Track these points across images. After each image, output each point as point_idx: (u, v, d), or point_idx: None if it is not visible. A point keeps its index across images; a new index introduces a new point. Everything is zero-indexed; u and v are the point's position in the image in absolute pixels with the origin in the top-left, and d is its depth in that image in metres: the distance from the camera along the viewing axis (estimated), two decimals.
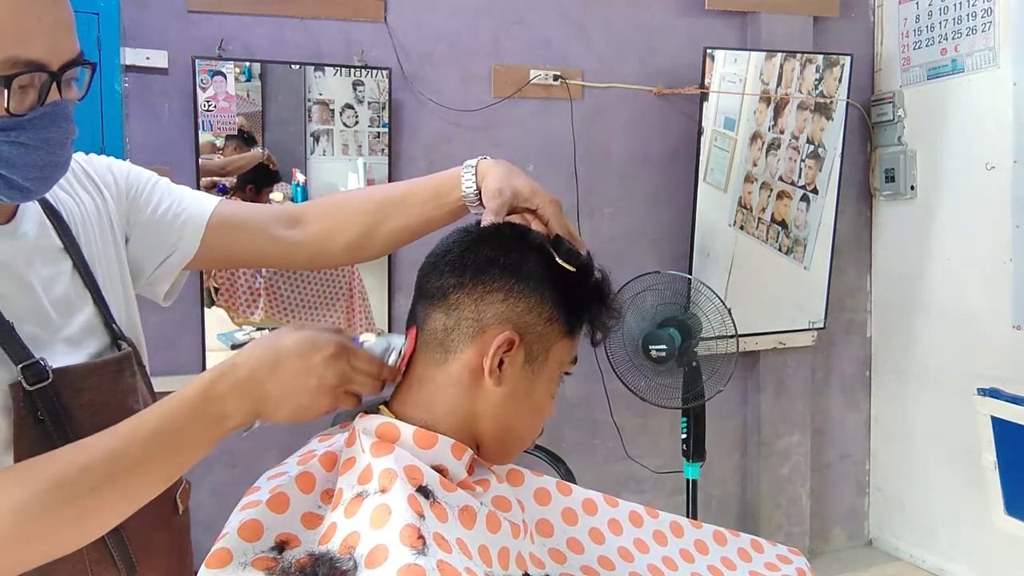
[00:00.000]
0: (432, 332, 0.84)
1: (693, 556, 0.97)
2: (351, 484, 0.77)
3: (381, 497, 0.73)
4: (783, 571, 1.00)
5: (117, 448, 0.74)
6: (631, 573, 0.90)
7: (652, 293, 2.43)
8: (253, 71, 2.34)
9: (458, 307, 0.82)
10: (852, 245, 3.14)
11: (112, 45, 2.04)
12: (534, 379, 0.85)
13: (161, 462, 0.76)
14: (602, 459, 2.82)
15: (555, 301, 0.85)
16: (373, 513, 0.72)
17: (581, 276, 0.88)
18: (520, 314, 0.82)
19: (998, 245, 2.61)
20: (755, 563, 1.00)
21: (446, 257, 0.85)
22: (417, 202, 1.05)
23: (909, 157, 2.97)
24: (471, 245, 0.85)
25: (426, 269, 0.87)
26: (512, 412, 0.84)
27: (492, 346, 0.81)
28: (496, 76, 2.64)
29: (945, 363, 2.87)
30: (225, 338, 2.41)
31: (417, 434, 0.80)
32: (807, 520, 3.09)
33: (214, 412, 0.77)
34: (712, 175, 2.76)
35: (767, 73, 2.76)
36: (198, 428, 0.77)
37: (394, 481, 0.74)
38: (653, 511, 1.01)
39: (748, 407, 3.04)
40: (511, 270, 0.83)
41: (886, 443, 3.18)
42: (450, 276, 0.83)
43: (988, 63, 2.67)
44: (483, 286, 0.82)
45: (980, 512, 2.64)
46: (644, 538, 0.96)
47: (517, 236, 0.88)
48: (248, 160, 2.33)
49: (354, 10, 2.47)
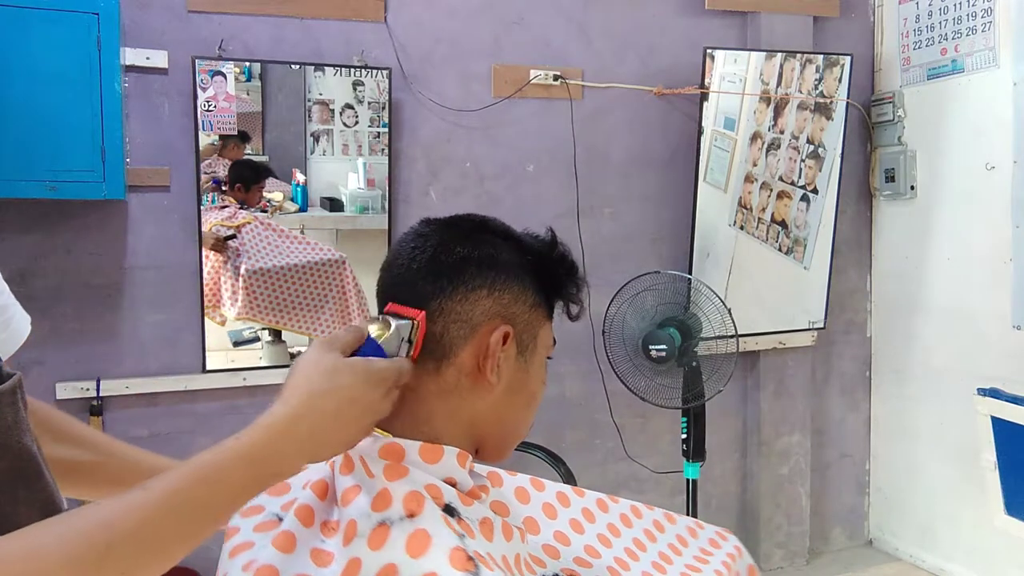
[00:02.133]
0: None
1: (645, 545, 0.97)
2: (365, 513, 0.71)
3: (412, 523, 0.69)
4: (718, 555, 1.00)
5: (147, 519, 0.61)
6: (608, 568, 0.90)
7: (652, 293, 2.43)
8: (253, 71, 2.34)
9: (443, 313, 0.78)
10: (852, 245, 3.14)
11: (112, 45, 2.04)
12: (527, 369, 0.83)
13: (193, 536, 0.65)
14: (602, 459, 2.82)
15: (534, 286, 0.82)
16: (409, 541, 0.68)
17: (551, 253, 0.85)
18: (506, 306, 0.80)
19: (998, 245, 2.61)
20: (691, 548, 1.00)
21: (413, 265, 0.80)
22: None
23: (909, 157, 2.97)
24: (438, 247, 0.80)
25: (390, 281, 0.82)
26: (510, 406, 0.83)
27: (490, 344, 0.78)
28: (496, 76, 2.64)
29: (945, 363, 2.87)
30: (234, 335, 2.43)
31: (423, 449, 0.76)
32: (807, 520, 3.09)
33: (268, 472, 0.69)
34: (712, 175, 2.76)
35: (767, 73, 2.76)
36: (246, 491, 0.68)
37: (422, 504, 0.70)
38: (604, 501, 1.01)
39: (748, 407, 3.05)
40: (488, 263, 0.80)
41: (886, 443, 3.18)
42: (425, 284, 0.78)
43: (988, 63, 2.67)
44: (464, 286, 0.78)
45: (980, 512, 2.64)
46: (604, 532, 0.96)
47: (478, 227, 0.84)
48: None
49: (354, 10, 2.47)
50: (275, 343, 2.49)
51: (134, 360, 2.32)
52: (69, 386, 2.23)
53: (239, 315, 2.39)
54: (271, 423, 0.70)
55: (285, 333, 2.49)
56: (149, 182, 2.28)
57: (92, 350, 2.27)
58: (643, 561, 0.94)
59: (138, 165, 2.27)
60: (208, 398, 2.36)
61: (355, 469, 0.76)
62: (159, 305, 2.34)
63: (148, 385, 2.30)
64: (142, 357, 2.32)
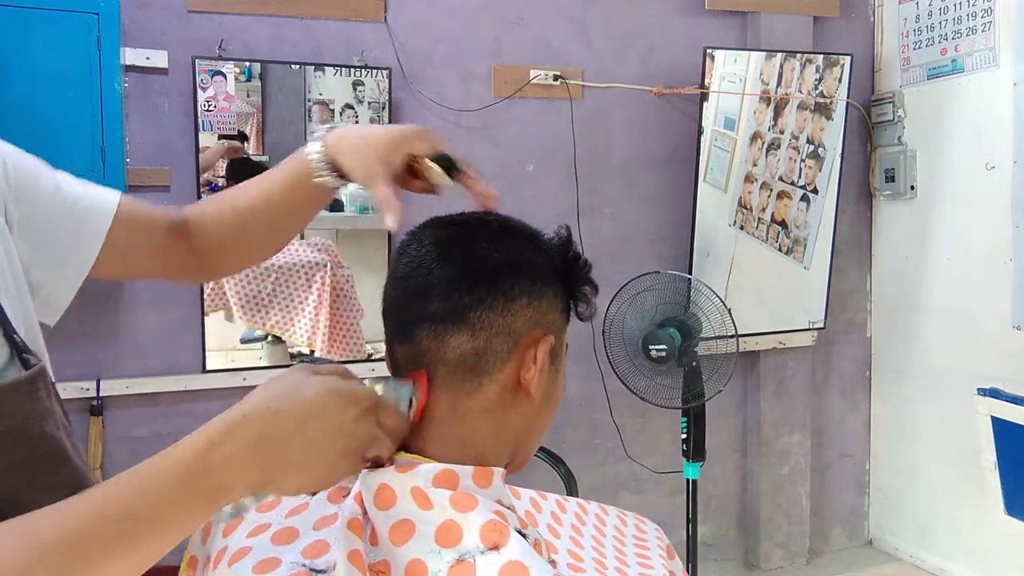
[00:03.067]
0: (458, 360, 0.72)
1: (602, 541, 0.96)
2: (429, 550, 0.64)
3: (499, 556, 0.62)
4: (647, 540, 1.00)
5: (79, 529, 0.55)
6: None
7: (652, 293, 2.43)
8: (253, 71, 2.34)
9: (484, 326, 0.71)
10: (852, 245, 3.14)
11: (112, 45, 2.04)
12: (556, 377, 0.79)
13: (132, 549, 0.57)
14: (602, 459, 2.82)
15: (562, 290, 0.78)
16: (502, 574, 0.61)
17: (567, 252, 0.79)
18: (544, 313, 0.75)
19: (998, 245, 2.61)
20: (628, 532, 1.00)
21: (443, 274, 0.72)
22: (283, 197, 0.92)
23: (909, 157, 2.97)
24: (468, 252, 0.73)
25: (410, 292, 0.73)
26: (540, 417, 0.79)
27: (538, 356, 0.73)
28: (496, 76, 2.64)
29: (945, 363, 2.87)
30: (248, 333, 2.43)
31: (476, 474, 0.70)
32: (807, 520, 3.09)
33: (210, 485, 0.59)
34: (712, 175, 2.76)
35: (767, 73, 2.76)
36: (186, 505, 0.58)
37: (506, 535, 0.64)
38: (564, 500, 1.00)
39: (748, 407, 3.05)
40: (524, 270, 0.74)
41: (886, 443, 3.18)
42: (461, 295, 0.71)
43: (988, 63, 2.67)
44: (504, 296, 0.72)
45: (980, 512, 2.65)
46: (574, 535, 0.95)
47: (504, 228, 0.77)
48: (212, 155, 2.32)
49: (354, 10, 2.47)
50: (275, 343, 2.49)
51: (134, 360, 2.31)
52: (69, 386, 2.22)
53: (209, 307, 2.38)
54: (212, 426, 0.61)
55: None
56: (149, 182, 2.28)
57: (92, 350, 2.27)
58: (610, 557, 0.94)
59: (138, 165, 2.27)
60: (208, 398, 2.36)
61: (397, 503, 0.68)
62: (159, 305, 2.34)
63: (148, 385, 2.30)
64: (142, 357, 2.32)
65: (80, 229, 0.81)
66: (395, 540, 0.65)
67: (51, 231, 0.80)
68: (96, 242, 0.82)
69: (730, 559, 3.07)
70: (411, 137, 0.83)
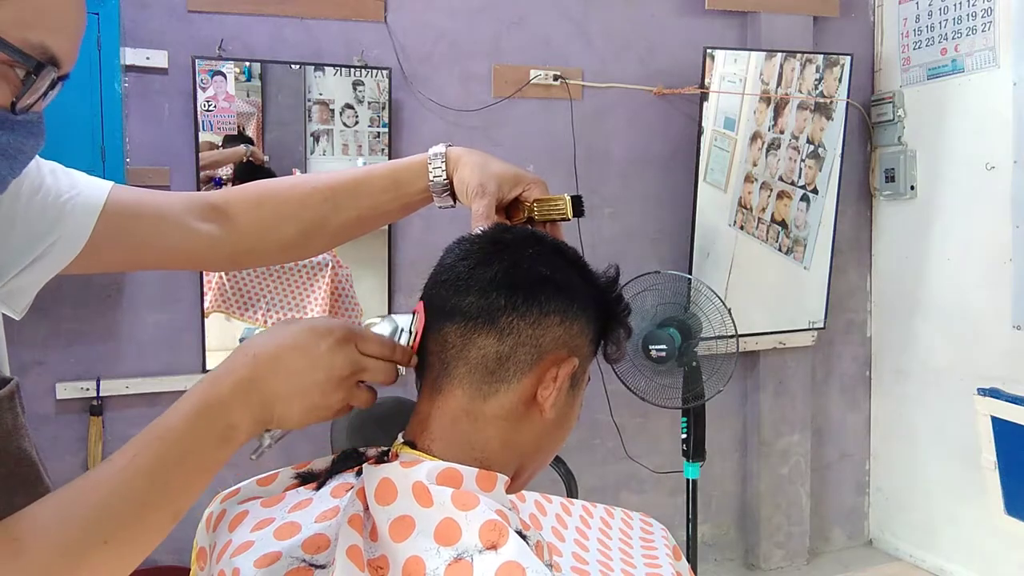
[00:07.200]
0: (480, 361, 0.73)
1: (610, 548, 0.96)
2: (428, 548, 0.64)
3: (496, 556, 0.63)
4: (654, 541, 1.00)
5: (118, 489, 0.62)
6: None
7: (652, 293, 2.43)
8: (253, 71, 2.34)
9: (512, 332, 0.72)
10: (852, 245, 3.14)
11: (112, 45, 2.04)
12: (573, 403, 0.79)
13: (171, 498, 0.64)
14: (602, 459, 2.82)
15: (595, 321, 0.79)
16: (499, 574, 0.62)
17: (612, 290, 0.81)
18: (573, 337, 0.75)
19: (998, 245, 2.61)
20: (634, 534, 1.00)
21: (486, 273, 0.74)
22: (371, 192, 0.92)
23: (909, 157, 2.97)
24: (517, 258, 0.75)
25: (451, 281, 0.75)
26: (551, 439, 0.79)
27: (558, 376, 0.74)
28: (496, 76, 2.64)
29: (945, 363, 2.87)
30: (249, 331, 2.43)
31: (480, 476, 0.71)
32: (807, 520, 3.09)
33: (220, 424, 0.66)
34: (712, 175, 2.76)
35: (767, 73, 2.76)
36: (204, 446, 0.65)
37: (505, 535, 0.64)
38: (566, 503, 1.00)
39: (748, 407, 3.05)
40: (565, 290, 0.75)
41: (886, 443, 3.18)
42: (499, 295, 0.72)
43: (988, 63, 2.67)
44: (538, 308, 0.73)
45: (980, 512, 2.64)
46: (578, 537, 0.95)
47: (556, 249, 0.79)
48: (227, 156, 2.32)
49: (354, 10, 2.47)
50: None
51: (134, 360, 2.32)
52: (69, 386, 2.23)
53: (209, 308, 2.38)
54: (210, 374, 0.71)
55: None
56: (149, 182, 2.27)
57: (92, 350, 2.27)
58: (616, 559, 0.94)
59: (138, 165, 2.27)
60: None
61: (397, 499, 0.69)
62: (159, 305, 2.34)
63: (148, 385, 2.30)
64: (142, 357, 2.32)
65: (57, 224, 0.78)
66: (394, 536, 0.66)
67: (27, 230, 0.77)
68: (77, 237, 0.80)
69: (730, 559, 3.07)
70: (530, 180, 0.89)
